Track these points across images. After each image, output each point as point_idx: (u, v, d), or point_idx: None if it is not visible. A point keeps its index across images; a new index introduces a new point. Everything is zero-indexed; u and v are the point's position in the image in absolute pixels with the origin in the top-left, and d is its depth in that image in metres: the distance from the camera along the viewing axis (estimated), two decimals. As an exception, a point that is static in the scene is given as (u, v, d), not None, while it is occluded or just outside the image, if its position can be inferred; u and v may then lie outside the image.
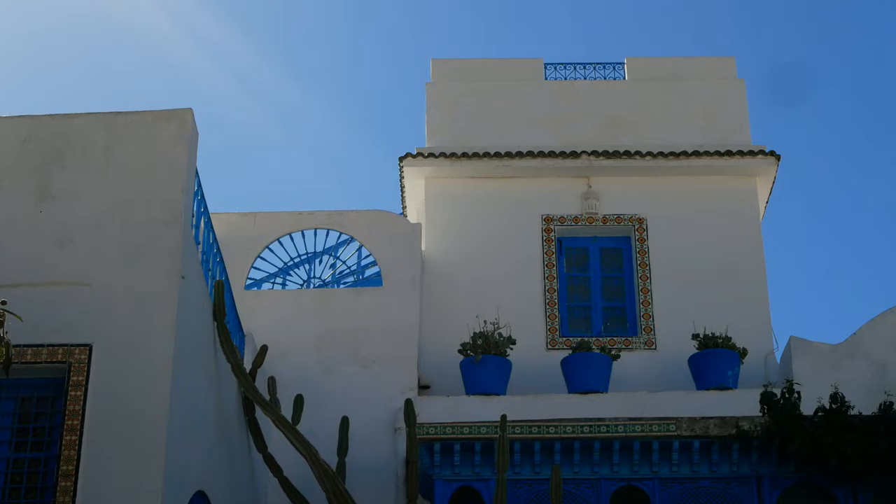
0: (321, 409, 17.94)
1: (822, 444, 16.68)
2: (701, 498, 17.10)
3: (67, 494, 12.54)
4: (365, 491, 17.23)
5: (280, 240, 20.49)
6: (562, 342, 19.96)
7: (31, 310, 11.97)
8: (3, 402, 13.17)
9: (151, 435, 12.77)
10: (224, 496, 15.30)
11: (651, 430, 17.18)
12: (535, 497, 17.12)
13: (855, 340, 18.99)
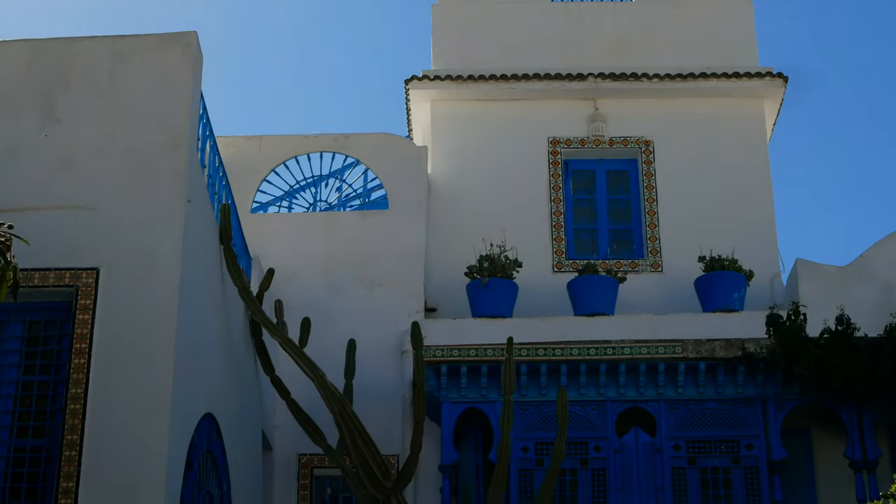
0: (328, 331, 18.01)
1: (828, 366, 16.74)
2: (706, 419, 17.20)
3: (76, 417, 12.61)
4: (372, 413, 17.33)
5: (286, 163, 20.46)
6: (568, 265, 19.97)
7: (37, 234, 11.96)
8: (11, 326, 13.21)
9: (159, 358, 12.82)
10: (232, 419, 15.40)
11: (657, 352, 17.25)
12: (541, 419, 17.22)
13: (861, 262, 18.99)
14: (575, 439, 17.05)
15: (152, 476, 12.45)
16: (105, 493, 12.35)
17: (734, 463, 17.03)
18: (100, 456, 12.48)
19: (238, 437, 15.71)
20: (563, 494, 16.90)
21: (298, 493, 17.95)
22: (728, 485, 16.95)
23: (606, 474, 17.00)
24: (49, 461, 12.66)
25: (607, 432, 17.19)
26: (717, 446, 17.12)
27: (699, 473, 17.01)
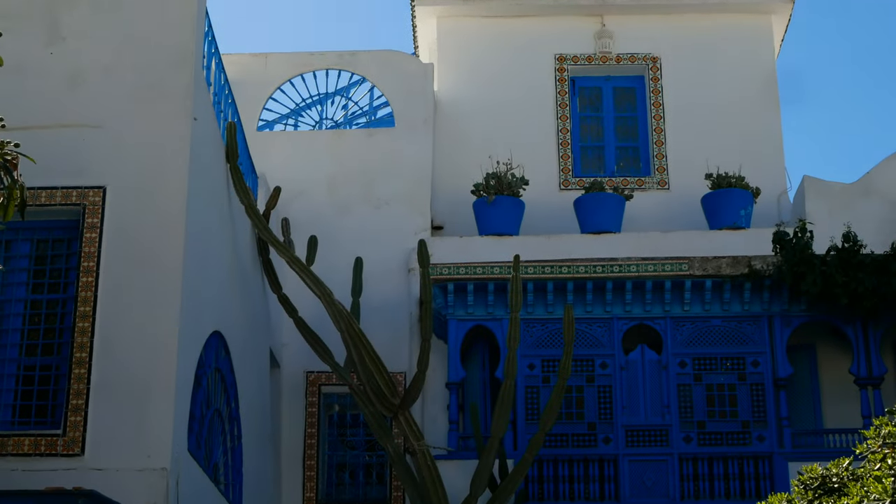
0: (335, 249, 18.03)
1: (834, 283, 16.77)
2: (712, 336, 17.26)
3: (85, 335, 12.67)
4: (379, 331, 17.40)
5: (291, 81, 20.36)
6: (575, 182, 19.94)
7: (43, 152, 11.94)
8: (19, 245, 13.24)
9: (167, 276, 12.86)
10: (240, 336, 15.47)
11: (663, 270, 17.27)
12: (547, 336, 17.29)
13: (868, 179, 18.95)
14: (581, 357, 17.13)
15: (161, 393, 12.53)
16: (114, 411, 12.44)
17: (740, 380, 17.11)
18: (109, 373, 12.56)
19: (246, 355, 15.80)
20: (570, 411, 17.00)
21: (306, 410, 18.07)
22: (733, 401, 17.04)
23: (612, 391, 17.10)
24: (59, 379, 12.73)
25: (613, 349, 17.26)
26: (723, 363, 17.19)
27: (705, 390, 17.10)
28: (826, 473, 7.42)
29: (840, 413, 17.57)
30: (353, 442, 18.12)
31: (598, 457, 16.82)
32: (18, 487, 11.67)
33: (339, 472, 17.99)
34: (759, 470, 16.64)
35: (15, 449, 12.35)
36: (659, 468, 16.74)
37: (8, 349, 12.90)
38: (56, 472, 12.16)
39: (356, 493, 17.81)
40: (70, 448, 12.33)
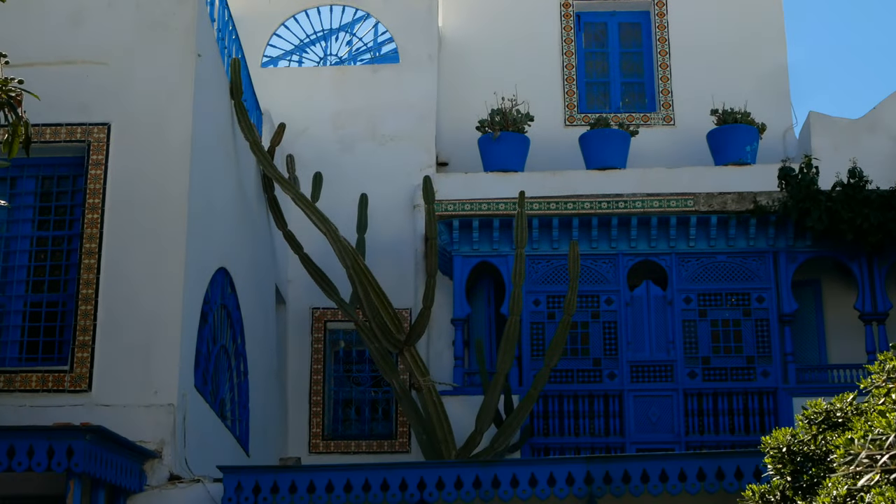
0: (339, 186, 18.02)
1: (840, 219, 16.75)
2: (718, 272, 17.27)
3: (91, 271, 12.70)
4: (384, 267, 17.42)
5: (295, 17, 20.25)
6: (580, 118, 19.87)
7: (48, 89, 11.92)
8: (24, 182, 13.24)
9: (172, 212, 12.86)
10: (245, 273, 15.49)
11: (669, 206, 17.26)
12: (553, 272, 17.30)
13: (875, 115, 18.87)
14: (586, 292, 17.15)
15: (167, 329, 12.57)
16: (121, 346, 12.49)
17: (745, 315, 17.14)
18: (115, 310, 12.60)
19: (252, 292, 15.83)
20: (575, 347, 17.05)
21: (312, 346, 18.12)
22: (738, 337, 17.08)
23: (617, 327, 17.13)
24: (65, 315, 12.78)
25: (619, 285, 17.28)
26: (728, 299, 17.21)
27: (710, 326, 17.13)
28: (830, 408, 7.44)
29: (844, 349, 17.61)
30: (359, 378, 18.19)
31: (603, 392, 16.89)
32: (26, 423, 11.73)
33: (345, 408, 18.07)
34: (763, 405, 16.70)
35: (23, 385, 12.41)
36: (664, 404, 16.81)
37: (14, 286, 12.93)
38: (63, 408, 12.23)
39: (362, 429, 17.91)
40: (77, 384, 12.40)
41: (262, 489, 11.57)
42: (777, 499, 7.32)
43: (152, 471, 12.26)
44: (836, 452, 6.64)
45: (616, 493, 11.62)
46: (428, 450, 15.33)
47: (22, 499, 12.19)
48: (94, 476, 11.30)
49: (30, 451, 11.05)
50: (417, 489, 11.56)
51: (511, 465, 11.90)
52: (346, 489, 11.56)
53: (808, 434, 7.43)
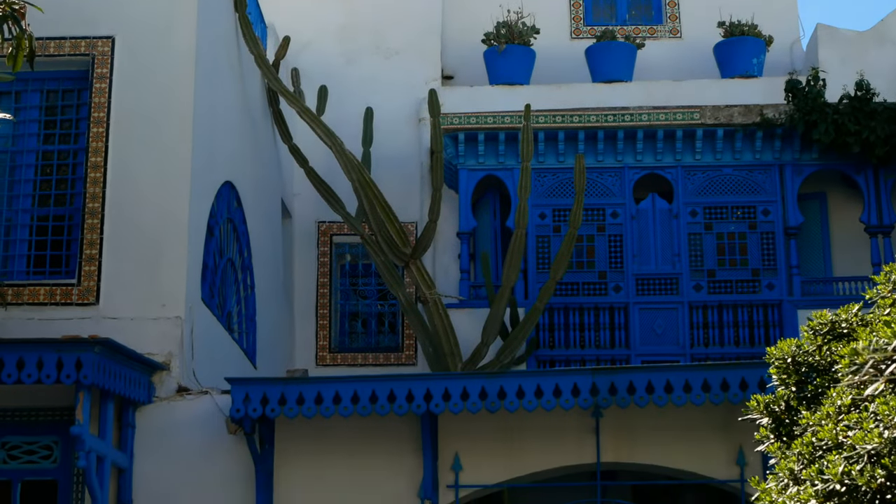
0: (345, 100, 17.95)
1: (846, 131, 16.71)
2: (723, 185, 17.25)
3: (97, 185, 12.71)
4: (390, 181, 17.40)
5: (299, -72, 20.05)
6: (586, 31, 19.74)
7: (51, 2, 11.84)
8: (29, 96, 13.21)
9: (177, 125, 12.85)
10: (251, 187, 15.49)
11: (675, 119, 17.21)
12: (558, 185, 17.29)
13: (882, 27, 18.73)
14: (592, 206, 17.16)
15: (174, 243, 12.61)
16: (128, 260, 12.53)
17: (750, 228, 17.15)
18: (121, 223, 12.62)
19: (258, 205, 15.84)
20: (580, 260, 17.08)
21: (318, 259, 18.16)
22: (744, 250, 17.10)
23: (623, 240, 17.15)
24: (72, 229, 12.81)
25: (624, 199, 17.27)
26: (734, 212, 17.21)
27: (715, 239, 17.15)
28: (835, 319, 7.46)
29: (850, 261, 17.62)
30: (365, 291, 18.25)
31: (609, 305, 16.94)
32: (35, 336, 11.80)
33: (352, 321, 18.15)
34: (768, 317, 16.76)
35: (31, 298, 12.48)
36: (669, 316, 16.87)
37: (21, 200, 12.95)
38: (71, 321, 12.31)
39: (368, 342, 18.00)
40: (85, 297, 12.46)
41: (270, 400, 11.65)
42: (781, 409, 7.36)
43: (160, 383, 12.36)
44: (841, 363, 6.67)
45: (621, 405, 11.70)
46: (434, 362, 15.42)
47: (32, 411, 12.30)
48: (102, 388, 11.39)
49: (39, 363, 11.13)
50: (424, 400, 11.64)
51: (517, 377, 11.96)
52: (353, 400, 11.63)
53: (812, 345, 7.45)
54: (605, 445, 12.23)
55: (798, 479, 6.52)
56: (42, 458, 12.25)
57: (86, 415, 11.15)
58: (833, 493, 6.19)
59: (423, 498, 12.08)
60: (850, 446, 6.21)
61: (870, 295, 7.32)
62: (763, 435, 7.40)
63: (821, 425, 6.54)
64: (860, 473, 6.09)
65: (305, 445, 12.21)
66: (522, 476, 12.31)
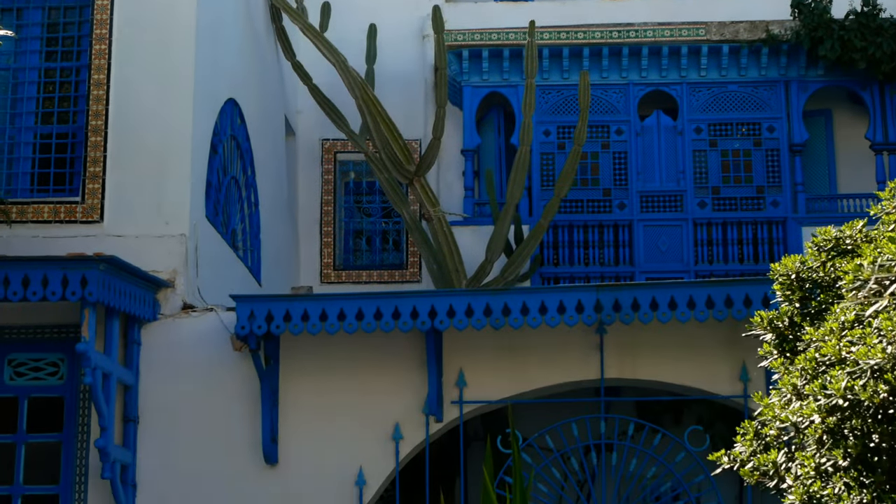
0: (348, 16, 17.80)
1: (852, 47, 16.60)
2: (729, 102, 17.18)
3: (100, 103, 12.67)
4: (393, 98, 17.31)
5: None
6: (591, -54, 19.52)
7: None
8: (31, 13, 13.14)
9: (180, 42, 12.78)
10: (254, 104, 15.44)
11: (680, 35, 17.09)
12: (563, 102, 17.23)
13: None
14: (597, 122, 17.09)
15: (177, 160, 12.60)
16: (132, 178, 12.53)
17: (755, 145, 17.10)
18: (125, 141, 12.61)
19: (261, 123, 15.79)
20: (585, 177, 17.04)
21: (322, 177, 18.13)
22: (749, 167, 17.05)
23: (628, 157, 17.10)
24: (75, 147, 12.78)
25: (629, 115, 17.20)
26: (739, 128, 17.15)
27: (720, 156, 17.10)
28: (840, 235, 7.45)
29: (855, 179, 17.57)
30: (369, 209, 18.24)
31: (613, 222, 16.93)
32: (40, 254, 11.82)
33: (356, 238, 18.16)
34: (772, 234, 16.75)
35: (35, 216, 12.48)
36: (673, 233, 16.87)
37: (24, 118, 12.92)
38: (76, 239, 12.32)
39: (373, 260, 18.02)
40: (89, 215, 12.46)
41: (275, 317, 11.68)
42: (785, 325, 7.38)
43: (165, 300, 12.40)
44: (845, 279, 6.67)
45: (625, 321, 11.73)
46: (438, 279, 15.44)
47: (38, 328, 12.36)
48: (108, 305, 11.43)
49: (44, 280, 11.17)
50: (428, 317, 11.67)
51: (521, 294, 11.99)
52: (357, 317, 11.67)
53: (817, 261, 7.46)
54: (609, 362, 12.28)
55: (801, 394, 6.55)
56: (48, 374, 12.33)
57: (91, 332, 11.20)
58: (836, 408, 6.22)
59: (427, 414, 12.16)
60: (853, 362, 6.23)
61: (874, 211, 7.31)
62: (766, 351, 7.43)
63: (824, 341, 6.56)
64: (863, 388, 6.12)
65: (310, 362, 12.27)
66: (526, 392, 12.38)
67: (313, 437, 12.18)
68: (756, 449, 7.06)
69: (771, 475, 6.87)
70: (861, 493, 6.15)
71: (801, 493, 6.46)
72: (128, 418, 12.06)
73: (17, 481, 12.21)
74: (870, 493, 6.13)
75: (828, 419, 6.26)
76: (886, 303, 6.34)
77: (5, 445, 12.27)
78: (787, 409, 6.61)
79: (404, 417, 12.18)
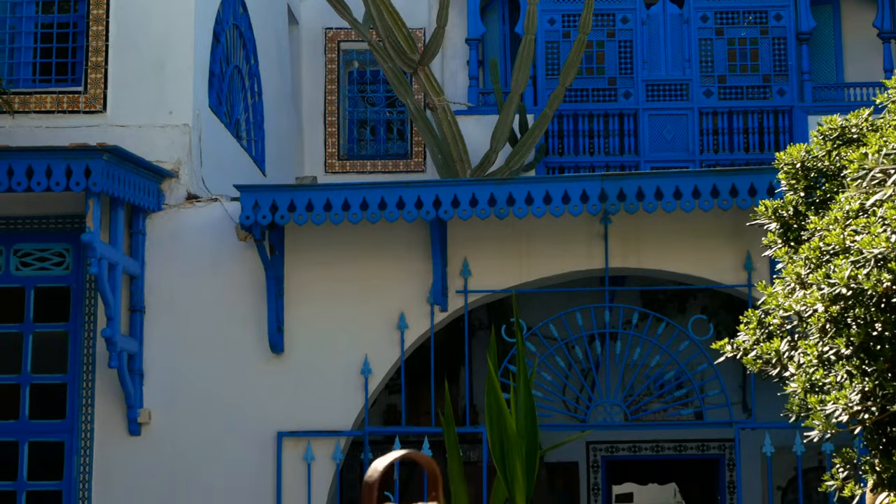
0: None
1: (862, -67, 16.42)
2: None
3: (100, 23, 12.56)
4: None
5: None
6: None
7: None
8: None
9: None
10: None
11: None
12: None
13: None
14: (602, 11, 16.93)
15: (180, 49, 12.53)
16: (134, 67, 12.47)
17: (762, 34, 16.95)
18: (127, 30, 12.52)
19: (264, 12, 15.66)
20: (590, 66, 16.93)
21: (326, 66, 18.02)
22: (755, 55, 16.92)
23: (633, 46, 16.97)
24: (77, 36, 12.70)
25: (634, 3, 17.03)
26: (745, 17, 16.99)
27: (726, 44, 16.96)
28: (845, 124, 7.42)
29: (862, 67, 17.44)
30: (373, 98, 18.15)
31: (619, 111, 16.85)
32: (43, 144, 11.80)
33: (360, 128, 18.10)
34: (778, 123, 16.68)
35: (38, 106, 12.44)
36: (679, 122, 16.79)
37: (25, 6, 12.83)
38: (79, 129, 12.30)
39: (377, 150, 17.97)
40: (92, 105, 12.42)
41: (279, 207, 11.68)
42: (790, 214, 7.37)
43: (170, 190, 12.40)
44: (850, 168, 6.65)
45: (630, 210, 11.72)
46: (443, 169, 15.42)
47: (43, 218, 12.38)
48: (112, 195, 11.44)
49: (48, 171, 11.16)
50: (433, 207, 11.67)
51: (526, 183, 11.97)
52: (362, 207, 11.66)
53: (822, 150, 7.42)
54: (614, 251, 12.30)
55: (805, 283, 6.56)
56: (54, 265, 12.37)
57: (96, 222, 11.21)
58: (839, 297, 6.24)
59: (432, 303, 12.22)
60: (857, 251, 6.23)
61: (881, 99, 7.27)
62: (771, 240, 7.43)
63: (828, 230, 6.55)
64: (866, 277, 6.13)
65: (315, 252, 12.30)
66: (531, 282, 12.42)
67: (319, 327, 12.25)
68: (759, 338, 7.09)
69: (774, 363, 6.90)
70: (863, 380, 6.19)
71: (803, 381, 6.50)
72: (134, 308, 12.12)
73: (25, 371, 12.31)
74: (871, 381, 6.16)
75: (831, 308, 6.27)
76: (891, 192, 6.33)
77: (13, 335, 12.36)
78: (791, 298, 6.63)
79: (409, 307, 12.24)
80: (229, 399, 12.15)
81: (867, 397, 6.17)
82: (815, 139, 7.49)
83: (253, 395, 12.15)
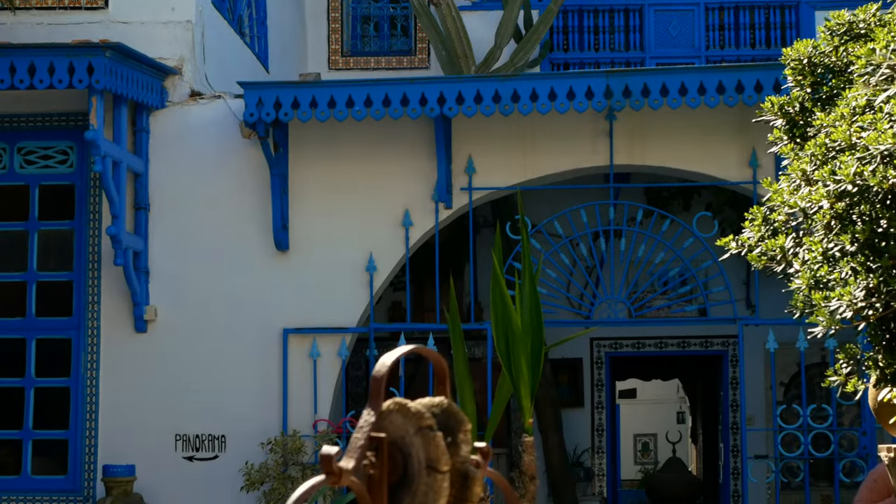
0: None
1: None
2: None
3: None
4: None
5: None
6: None
7: None
8: None
9: None
10: None
11: None
12: None
13: None
14: None
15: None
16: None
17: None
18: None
19: None
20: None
21: (329, -38, 17.85)
22: (762, -51, 16.75)
23: (639, -60, 16.78)
24: None
25: None
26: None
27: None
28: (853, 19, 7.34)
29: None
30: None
31: (624, 7, 16.70)
32: (45, 41, 11.73)
33: (364, 24, 17.96)
34: (785, 19, 16.53)
35: (39, 2, 12.36)
36: (684, 18, 16.65)
37: None
38: (81, 26, 12.21)
39: (381, 46, 17.84)
40: (94, 1, 12.34)
41: (283, 104, 11.64)
42: (796, 110, 7.33)
43: (173, 87, 12.34)
44: (857, 64, 6.60)
45: (635, 107, 11.67)
46: (447, 65, 15.32)
47: (46, 116, 12.35)
48: (115, 92, 11.39)
49: (50, 68, 11.11)
50: (437, 103, 11.62)
51: (530, 80, 11.91)
52: (366, 104, 11.62)
53: (829, 45, 7.36)
54: (619, 148, 12.27)
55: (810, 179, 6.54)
56: (58, 163, 12.36)
57: (100, 120, 11.18)
58: (845, 194, 6.22)
59: (436, 200, 12.22)
60: (864, 147, 6.20)
61: None
62: (776, 136, 7.39)
63: (834, 126, 6.52)
64: (872, 174, 6.11)
65: (319, 149, 12.27)
66: (535, 179, 12.41)
67: (324, 224, 12.26)
68: (764, 234, 7.09)
69: (778, 260, 6.91)
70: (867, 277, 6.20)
71: (807, 278, 6.51)
72: (138, 206, 12.13)
73: (31, 268, 12.36)
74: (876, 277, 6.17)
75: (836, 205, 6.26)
76: (899, 88, 6.29)
77: (18, 233, 12.39)
78: (796, 195, 6.61)
79: (414, 204, 12.24)
80: (235, 296, 12.20)
81: (871, 294, 6.18)
82: (822, 34, 7.43)
83: (258, 292, 12.20)
